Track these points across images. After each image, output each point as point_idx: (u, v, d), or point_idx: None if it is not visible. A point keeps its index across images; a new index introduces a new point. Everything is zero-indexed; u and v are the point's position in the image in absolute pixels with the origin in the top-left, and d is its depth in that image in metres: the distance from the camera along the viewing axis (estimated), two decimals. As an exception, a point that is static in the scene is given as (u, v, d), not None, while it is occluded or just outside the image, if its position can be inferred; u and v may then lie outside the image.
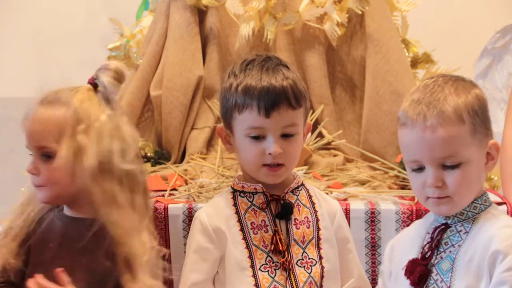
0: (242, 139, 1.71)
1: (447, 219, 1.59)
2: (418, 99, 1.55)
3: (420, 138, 1.52)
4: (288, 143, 1.70)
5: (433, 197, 1.55)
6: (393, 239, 1.72)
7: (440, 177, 1.53)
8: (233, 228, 1.73)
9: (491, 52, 2.42)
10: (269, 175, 1.71)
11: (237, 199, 1.76)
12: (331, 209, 1.80)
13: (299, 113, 1.72)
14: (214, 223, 1.73)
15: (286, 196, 1.76)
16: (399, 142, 1.60)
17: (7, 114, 3.29)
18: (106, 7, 3.20)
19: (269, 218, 1.74)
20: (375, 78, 2.37)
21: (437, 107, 1.52)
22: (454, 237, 1.57)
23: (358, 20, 2.43)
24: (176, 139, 2.39)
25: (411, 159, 1.56)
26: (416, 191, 1.59)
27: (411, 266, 1.58)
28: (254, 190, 1.74)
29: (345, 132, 2.41)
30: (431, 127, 1.51)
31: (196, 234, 1.75)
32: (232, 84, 1.72)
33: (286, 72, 1.72)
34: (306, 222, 1.75)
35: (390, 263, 1.67)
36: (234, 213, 1.75)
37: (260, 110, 1.68)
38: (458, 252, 1.55)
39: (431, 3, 2.94)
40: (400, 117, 1.58)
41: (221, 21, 2.44)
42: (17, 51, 3.29)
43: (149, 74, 2.44)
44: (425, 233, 1.62)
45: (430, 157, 1.52)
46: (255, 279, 1.71)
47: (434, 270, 1.57)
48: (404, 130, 1.56)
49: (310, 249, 1.74)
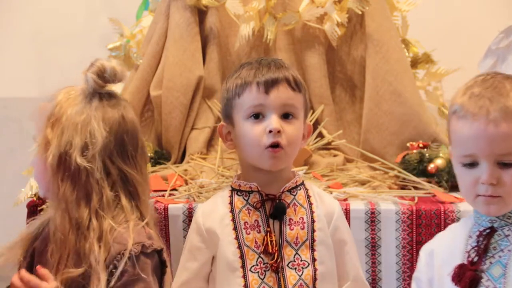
0: (243, 124, 1.71)
1: (493, 223, 1.55)
2: (479, 93, 1.50)
3: (481, 132, 1.48)
4: (288, 124, 1.70)
5: (485, 195, 1.50)
6: (429, 244, 1.66)
7: (496, 174, 1.49)
8: (226, 227, 1.73)
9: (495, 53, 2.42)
10: (270, 157, 1.69)
11: (233, 197, 1.76)
12: (328, 210, 1.77)
13: (298, 97, 1.72)
14: (208, 223, 1.73)
15: (282, 195, 1.74)
16: (452, 135, 1.55)
17: (7, 114, 3.30)
18: (106, 7, 3.20)
19: (262, 218, 1.73)
20: (375, 78, 2.37)
21: (500, 101, 1.48)
22: (502, 241, 1.54)
23: (358, 20, 2.43)
24: (176, 139, 2.39)
25: (466, 153, 1.51)
26: (466, 187, 1.54)
27: (459, 272, 1.54)
28: (250, 189, 1.74)
29: (345, 132, 2.41)
30: (494, 121, 1.47)
31: (191, 233, 1.77)
32: (230, 80, 1.74)
33: (285, 64, 1.75)
34: (301, 223, 1.74)
35: (429, 269, 1.61)
36: (229, 211, 1.74)
37: (260, 86, 1.69)
38: (510, 257, 1.52)
39: (431, 3, 2.94)
40: (457, 110, 1.52)
41: (221, 21, 2.44)
42: (17, 51, 3.29)
43: (149, 74, 2.44)
44: (466, 237, 1.58)
45: (489, 152, 1.48)
46: (245, 280, 1.71)
47: (484, 276, 1.53)
48: (463, 123, 1.51)
49: (303, 251, 1.73)
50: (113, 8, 3.13)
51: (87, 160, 1.60)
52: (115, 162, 1.65)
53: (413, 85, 2.40)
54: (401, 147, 2.32)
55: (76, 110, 1.63)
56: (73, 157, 1.60)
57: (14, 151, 3.17)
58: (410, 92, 2.36)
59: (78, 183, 1.61)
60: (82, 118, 1.62)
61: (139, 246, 1.60)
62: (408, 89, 2.36)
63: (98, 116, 1.63)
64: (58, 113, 1.64)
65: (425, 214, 1.96)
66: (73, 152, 1.60)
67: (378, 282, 1.98)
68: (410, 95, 2.36)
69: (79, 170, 1.61)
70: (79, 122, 1.62)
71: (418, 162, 2.22)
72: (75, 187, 1.61)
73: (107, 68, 1.65)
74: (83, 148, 1.61)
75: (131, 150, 1.67)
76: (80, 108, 1.64)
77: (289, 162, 1.76)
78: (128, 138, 1.67)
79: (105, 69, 1.65)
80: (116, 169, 1.65)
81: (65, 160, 1.61)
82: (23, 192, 2.17)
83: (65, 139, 1.61)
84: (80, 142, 1.61)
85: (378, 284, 1.98)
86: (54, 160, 1.61)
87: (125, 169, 1.65)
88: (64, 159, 1.61)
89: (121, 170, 1.65)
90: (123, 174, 1.65)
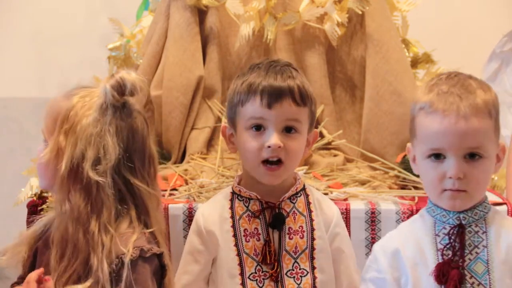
0: (244, 133, 1.70)
1: (460, 220, 1.56)
2: (448, 90, 1.53)
3: (452, 126, 1.51)
4: (289, 138, 1.68)
5: (452, 189, 1.53)
6: (385, 244, 1.64)
7: (463, 169, 1.51)
8: (226, 233, 1.72)
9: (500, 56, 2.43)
10: (267, 174, 1.68)
11: (234, 202, 1.75)
12: (326, 218, 1.76)
13: (303, 112, 1.70)
14: (208, 226, 1.73)
15: (282, 204, 1.73)
16: (419, 131, 1.57)
17: (7, 114, 3.30)
18: (106, 7, 3.20)
19: (262, 227, 1.72)
20: (375, 78, 2.37)
21: (469, 98, 1.52)
22: (474, 238, 1.56)
23: (358, 20, 2.43)
24: (176, 139, 2.39)
25: (434, 147, 1.53)
26: (432, 182, 1.56)
27: (442, 271, 1.54)
28: (250, 197, 1.73)
29: (345, 132, 2.41)
30: (465, 116, 1.50)
31: (191, 234, 1.76)
32: (238, 83, 1.72)
33: (294, 72, 1.71)
34: (300, 232, 1.73)
35: (395, 270, 1.61)
36: (230, 217, 1.73)
37: (263, 101, 1.66)
38: (489, 253, 1.54)
39: (431, 3, 2.94)
40: (425, 107, 1.55)
41: (221, 21, 2.44)
42: (17, 51, 3.29)
43: (149, 74, 2.43)
44: (432, 235, 1.59)
45: (458, 147, 1.51)
46: (243, 287, 1.71)
47: (466, 273, 1.54)
48: (432, 119, 1.53)
49: (302, 260, 1.72)
50: (113, 8, 3.13)
51: (99, 174, 1.59)
52: (124, 176, 1.62)
53: (413, 85, 2.40)
54: (401, 147, 2.31)
55: (90, 121, 1.61)
56: (86, 170, 1.59)
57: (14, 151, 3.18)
58: (410, 92, 2.36)
59: (90, 195, 1.60)
60: (96, 131, 1.60)
61: (138, 250, 1.59)
62: (408, 89, 2.36)
63: (112, 130, 1.61)
64: (72, 120, 1.62)
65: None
66: (85, 164, 1.59)
67: (378, 282, 1.98)
68: (410, 95, 2.35)
69: (91, 183, 1.59)
70: (93, 134, 1.60)
71: (418, 162, 2.22)
72: (87, 199, 1.60)
73: (127, 83, 1.61)
74: (95, 161, 1.59)
75: (139, 163, 1.64)
76: (95, 119, 1.61)
77: (290, 173, 1.74)
78: (137, 152, 1.64)
79: (125, 84, 1.61)
80: (124, 183, 1.63)
81: (77, 171, 1.60)
82: (23, 192, 2.17)
83: (78, 151, 1.59)
84: (93, 155, 1.59)
85: (378, 284, 1.98)
86: (66, 170, 1.60)
87: (133, 183, 1.63)
88: (76, 170, 1.60)
89: (129, 183, 1.63)
90: (131, 187, 1.63)
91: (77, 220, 1.59)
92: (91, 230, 1.58)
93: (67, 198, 1.61)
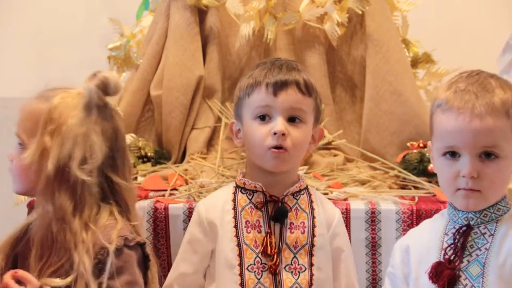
0: (250, 123, 1.72)
1: (469, 220, 1.56)
2: (465, 88, 1.53)
3: (466, 125, 1.50)
4: (294, 127, 1.71)
5: (466, 188, 1.52)
6: (403, 240, 1.67)
7: (477, 167, 1.50)
8: (227, 224, 1.74)
9: None
10: (273, 158, 1.70)
11: (237, 195, 1.76)
12: (328, 217, 1.78)
13: (308, 102, 1.73)
14: (210, 216, 1.75)
15: (286, 198, 1.75)
16: (436, 128, 1.56)
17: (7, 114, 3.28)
18: (106, 7, 3.19)
19: (264, 219, 1.74)
20: (375, 78, 2.37)
21: (486, 97, 1.51)
22: (479, 239, 1.55)
23: (358, 20, 2.43)
24: (177, 139, 2.39)
25: (448, 145, 1.53)
26: (446, 180, 1.55)
27: (437, 270, 1.55)
28: (254, 188, 1.75)
29: (345, 132, 2.42)
30: (480, 115, 1.49)
31: (192, 224, 1.78)
32: (244, 80, 1.76)
33: (299, 66, 1.76)
34: (302, 227, 1.74)
35: (405, 266, 1.62)
36: (232, 208, 1.75)
37: (268, 88, 1.70)
38: (488, 256, 1.53)
39: (431, 3, 2.94)
40: (442, 104, 1.54)
41: (221, 21, 2.44)
42: (17, 51, 3.29)
43: (149, 74, 2.44)
44: (442, 234, 1.59)
45: (472, 145, 1.50)
46: (241, 278, 1.71)
47: (462, 274, 1.54)
48: (448, 116, 1.53)
49: (301, 255, 1.73)
50: (113, 8, 3.13)
51: (86, 174, 1.60)
52: (107, 174, 1.65)
53: (413, 85, 2.40)
54: (401, 147, 2.32)
55: (76, 122, 1.62)
56: (72, 169, 1.60)
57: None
58: (410, 92, 2.36)
59: (75, 195, 1.61)
60: (82, 131, 1.61)
61: (122, 239, 1.61)
62: (408, 89, 2.36)
63: (98, 130, 1.63)
64: (57, 121, 1.62)
65: (426, 213, 1.96)
66: (72, 164, 1.60)
67: (378, 282, 1.98)
68: (410, 95, 2.36)
69: (77, 182, 1.60)
70: (79, 134, 1.61)
71: (418, 162, 2.22)
72: (72, 198, 1.61)
73: (111, 83, 1.64)
74: (82, 161, 1.61)
75: (120, 161, 1.67)
76: (80, 119, 1.62)
77: (294, 164, 1.76)
78: (117, 150, 1.67)
79: (108, 83, 1.64)
80: (107, 181, 1.65)
81: (63, 171, 1.60)
82: (23, 192, 2.16)
83: (65, 151, 1.60)
84: (80, 155, 1.60)
85: (378, 284, 1.98)
86: (53, 170, 1.60)
87: (115, 181, 1.66)
88: (63, 170, 1.60)
89: (111, 181, 1.66)
90: (112, 185, 1.66)
91: (62, 219, 1.60)
92: (74, 228, 1.59)
93: (50, 198, 1.61)
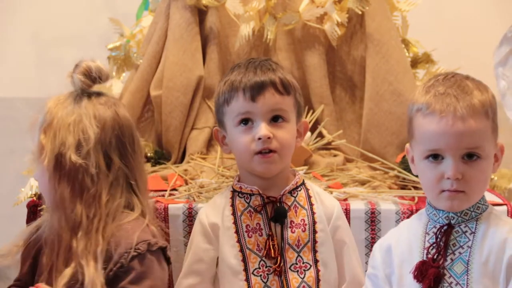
0: (233, 130, 1.72)
1: (450, 219, 1.57)
2: (444, 91, 1.54)
3: (449, 128, 1.52)
4: (278, 128, 1.70)
5: (450, 189, 1.53)
6: (383, 240, 1.68)
7: (461, 169, 1.52)
8: (228, 230, 1.73)
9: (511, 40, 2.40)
10: (261, 162, 1.69)
11: (235, 199, 1.75)
12: (327, 211, 1.77)
13: (288, 100, 1.72)
14: (212, 220, 1.74)
15: (283, 198, 1.74)
16: (417, 132, 1.58)
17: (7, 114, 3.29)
18: (106, 7, 3.20)
19: (264, 221, 1.73)
20: (375, 78, 2.37)
21: (466, 99, 1.53)
22: (460, 238, 1.56)
23: (358, 20, 2.43)
24: (176, 139, 2.39)
25: (432, 148, 1.54)
26: (430, 183, 1.56)
27: (422, 269, 1.56)
28: (251, 192, 1.74)
29: (345, 132, 2.41)
30: (462, 117, 1.51)
31: (196, 235, 1.76)
32: (221, 85, 1.75)
33: (273, 65, 1.74)
34: (302, 225, 1.74)
35: (387, 266, 1.63)
36: (231, 214, 1.74)
37: (246, 95, 1.69)
38: (471, 254, 1.54)
39: (431, 3, 2.94)
40: (422, 108, 1.56)
41: (221, 21, 2.44)
42: (17, 51, 3.29)
43: (149, 74, 2.44)
44: (423, 234, 1.60)
45: (456, 147, 1.52)
46: (247, 283, 1.71)
47: (446, 272, 1.55)
48: (430, 120, 1.54)
49: (305, 253, 1.73)
50: (113, 8, 3.13)
51: (82, 157, 1.61)
52: (114, 158, 1.65)
53: (413, 85, 2.40)
54: (401, 147, 2.31)
55: (66, 112, 1.65)
56: (68, 156, 1.61)
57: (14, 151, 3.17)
58: (410, 92, 2.36)
59: (75, 181, 1.62)
60: (73, 118, 1.64)
61: (145, 244, 1.61)
62: (408, 89, 2.36)
63: (89, 114, 1.65)
64: (49, 119, 1.65)
65: (417, 213, 1.96)
66: (67, 151, 1.61)
67: (378, 282, 1.98)
68: (410, 95, 2.34)
69: (75, 169, 1.61)
70: (71, 122, 1.63)
71: (418, 162, 2.22)
72: (72, 186, 1.62)
73: (93, 68, 1.67)
74: (77, 146, 1.62)
75: (129, 145, 1.68)
76: (70, 109, 1.65)
77: (285, 163, 1.75)
78: (124, 133, 1.68)
79: (90, 69, 1.67)
80: (115, 164, 1.65)
81: (60, 161, 1.62)
82: (23, 192, 2.17)
83: (59, 141, 1.62)
84: (74, 140, 1.62)
85: (378, 284, 1.98)
86: (50, 163, 1.62)
87: (125, 164, 1.66)
88: (60, 160, 1.62)
89: (121, 165, 1.66)
90: (123, 168, 1.66)
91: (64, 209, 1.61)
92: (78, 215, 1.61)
93: (55, 192, 1.62)
